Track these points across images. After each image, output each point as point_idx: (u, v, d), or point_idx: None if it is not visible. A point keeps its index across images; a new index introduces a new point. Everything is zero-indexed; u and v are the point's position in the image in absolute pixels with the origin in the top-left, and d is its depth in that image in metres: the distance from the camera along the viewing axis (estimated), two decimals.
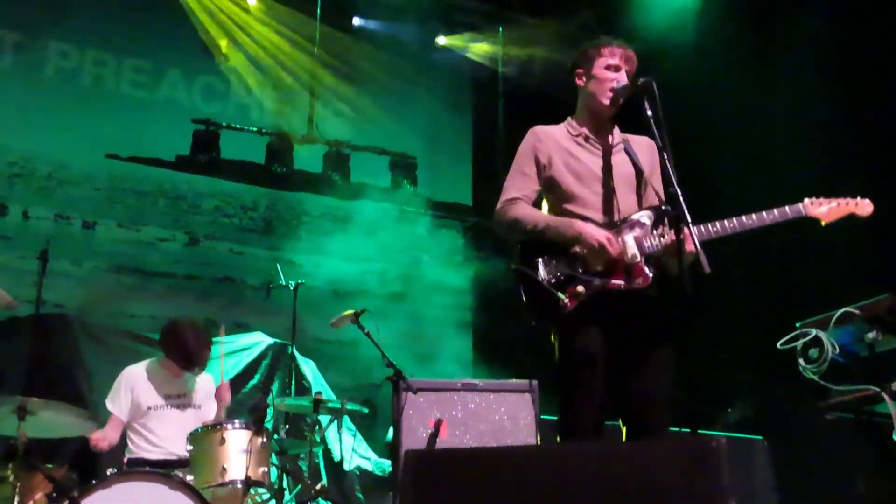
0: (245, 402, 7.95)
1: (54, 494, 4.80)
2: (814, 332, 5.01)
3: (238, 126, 11.05)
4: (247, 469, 5.35)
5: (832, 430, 6.01)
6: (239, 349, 8.48)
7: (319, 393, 6.75)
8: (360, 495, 8.41)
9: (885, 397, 5.11)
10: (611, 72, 4.33)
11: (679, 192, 3.98)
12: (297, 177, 11.18)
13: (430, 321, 11.03)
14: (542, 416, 6.20)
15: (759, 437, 7.12)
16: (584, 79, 4.42)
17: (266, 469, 5.54)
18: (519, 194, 4.31)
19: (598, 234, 4.07)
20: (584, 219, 4.20)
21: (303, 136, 11.19)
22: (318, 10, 10.91)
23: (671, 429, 4.49)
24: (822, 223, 4.39)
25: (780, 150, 8.09)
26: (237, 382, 7.95)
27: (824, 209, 4.40)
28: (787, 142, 8.09)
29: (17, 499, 4.95)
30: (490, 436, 6.06)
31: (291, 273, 7.10)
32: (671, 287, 4.12)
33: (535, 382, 6.24)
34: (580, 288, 4.03)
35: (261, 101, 11.30)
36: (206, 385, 6.41)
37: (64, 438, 5.74)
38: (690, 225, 3.86)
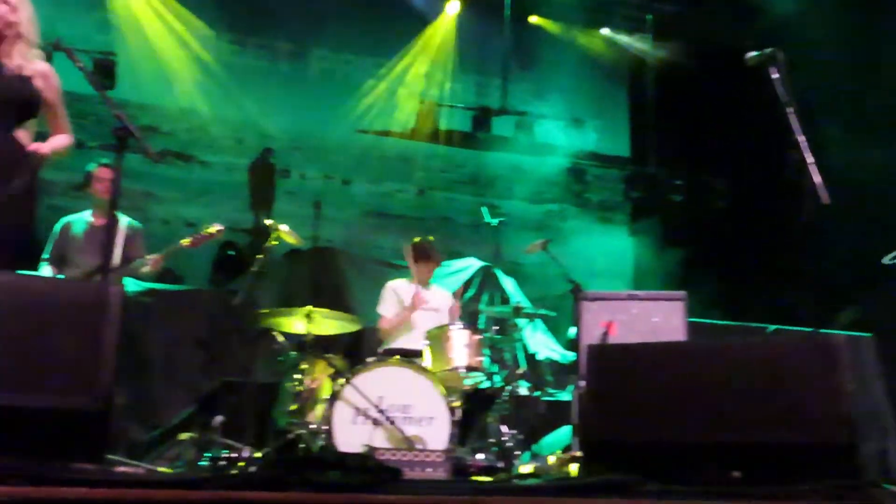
0: (464, 309, 8.11)
1: (334, 375, 5.06)
2: None
3: (450, 104, 11.14)
4: (467, 358, 5.49)
5: None
6: (457, 271, 8.61)
7: (518, 303, 6.80)
8: (550, 378, 8.48)
9: None
10: None
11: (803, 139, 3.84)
12: (492, 140, 11.17)
13: (596, 247, 10.92)
14: (689, 320, 6.03)
15: (869, 335, 6.67)
16: None
17: (480, 358, 5.62)
18: None
19: None
20: None
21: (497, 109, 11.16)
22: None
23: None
24: None
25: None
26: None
27: None
28: None
29: (307, 378, 5.29)
30: (649, 335, 5.95)
31: (494, 213, 7.12)
32: None
33: (684, 293, 6.08)
34: None
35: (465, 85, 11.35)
36: (442, 296, 6.51)
37: (338, 335, 6.02)
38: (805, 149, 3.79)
